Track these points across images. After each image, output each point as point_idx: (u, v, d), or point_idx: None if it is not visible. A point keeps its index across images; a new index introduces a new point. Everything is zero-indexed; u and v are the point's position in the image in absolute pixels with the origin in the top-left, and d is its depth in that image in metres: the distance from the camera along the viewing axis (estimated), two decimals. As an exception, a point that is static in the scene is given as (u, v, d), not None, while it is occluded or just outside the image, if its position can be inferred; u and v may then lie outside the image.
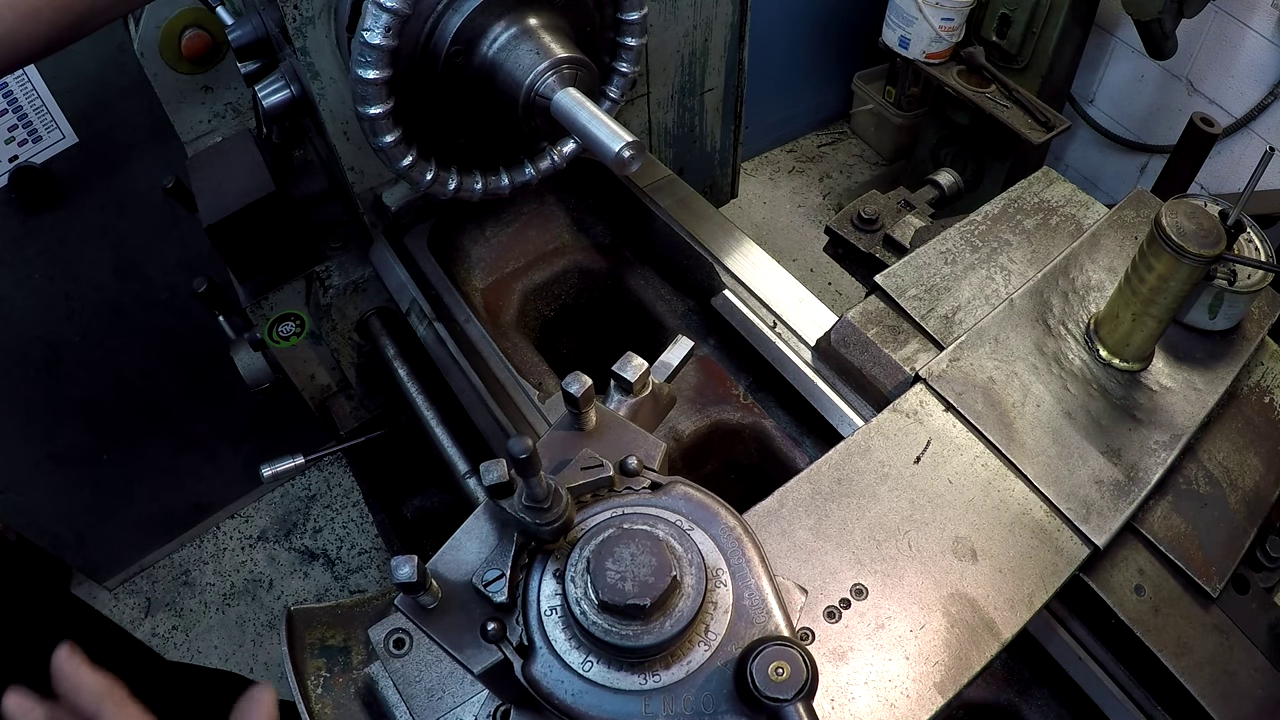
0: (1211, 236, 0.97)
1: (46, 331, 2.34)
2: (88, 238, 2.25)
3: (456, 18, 1.19)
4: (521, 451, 0.60)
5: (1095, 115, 3.51)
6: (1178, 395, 1.11)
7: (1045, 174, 1.39)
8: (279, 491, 3.26)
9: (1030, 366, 1.10)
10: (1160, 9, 2.60)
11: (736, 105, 1.95)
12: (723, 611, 0.65)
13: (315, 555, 3.11)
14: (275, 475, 1.71)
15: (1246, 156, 3.07)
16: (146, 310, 2.47)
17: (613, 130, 1.08)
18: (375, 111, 1.19)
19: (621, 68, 1.41)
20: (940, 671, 0.85)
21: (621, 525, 0.65)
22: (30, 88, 2.00)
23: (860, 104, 4.20)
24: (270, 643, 2.92)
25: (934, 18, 3.08)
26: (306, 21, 1.28)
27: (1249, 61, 2.92)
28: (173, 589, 3.04)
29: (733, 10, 1.75)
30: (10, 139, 2.02)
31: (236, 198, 1.50)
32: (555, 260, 1.68)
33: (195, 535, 3.15)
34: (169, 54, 1.79)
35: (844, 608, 0.88)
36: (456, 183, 1.37)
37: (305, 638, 1.00)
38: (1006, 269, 1.25)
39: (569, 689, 0.62)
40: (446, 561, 0.68)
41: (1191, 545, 1.04)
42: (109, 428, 2.63)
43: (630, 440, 0.77)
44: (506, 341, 1.49)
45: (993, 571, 0.93)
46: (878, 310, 1.22)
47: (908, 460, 1.00)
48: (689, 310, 1.57)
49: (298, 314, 1.71)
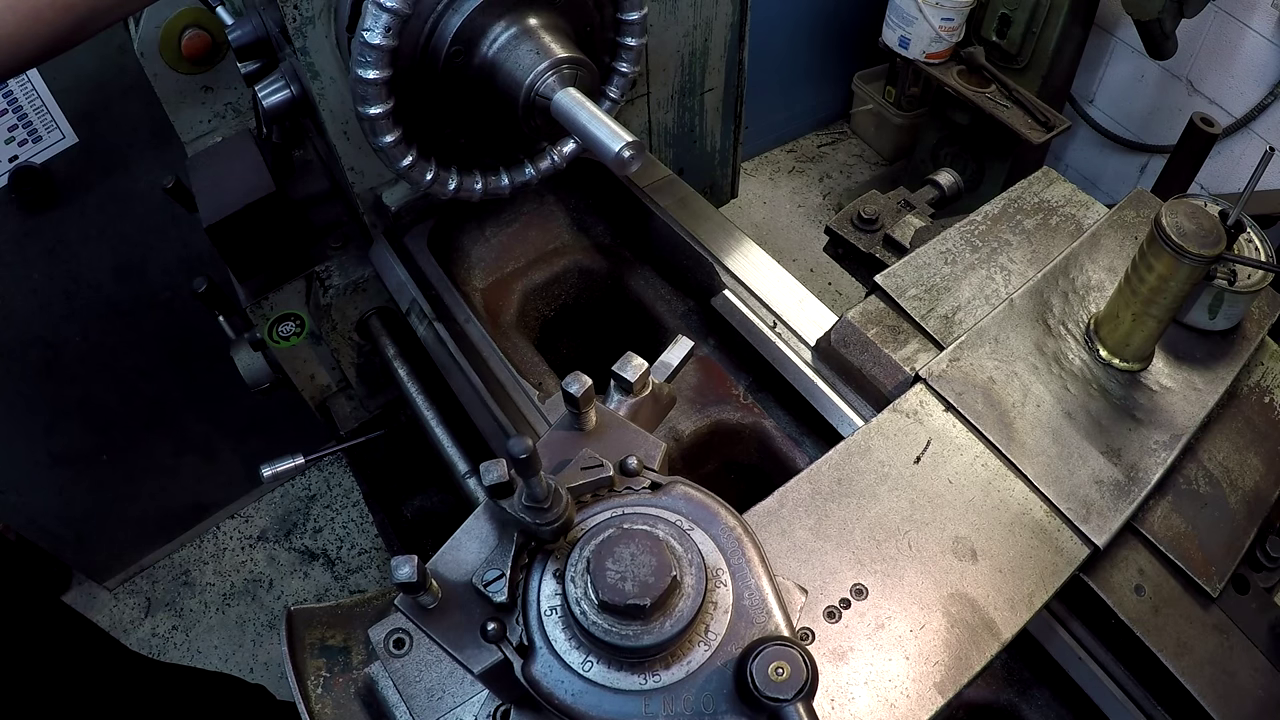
0: (1211, 236, 0.97)
1: (46, 331, 2.34)
2: (88, 238, 2.25)
3: (456, 18, 1.19)
4: (521, 451, 0.60)
5: (1095, 115, 3.51)
6: (1178, 395, 1.11)
7: (1045, 174, 1.39)
8: (279, 491, 3.26)
9: (1030, 366, 1.10)
10: (1160, 9, 2.60)
11: (736, 105, 1.95)
12: (723, 611, 0.65)
13: (315, 555, 3.11)
14: (275, 475, 1.71)
15: (1246, 156, 3.07)
16: (146, 310, 2.47)
17: (613, 130, 1.08)
18: (375, 111, 1.19)
19: (621, 68, 1.41)
20: (940, 671, 0.85)
21: (621, 525, 0.65)
22: (30, 88, 2.00)
23: (860, 104, 4.20)
24: (270, 643, 2.92)
25: (934, 18, 3.08)
26: (306, 21, 1.28)
27: (1249, 61, 2.92)
28: (173, 589, 3.04)
29: (733, 10, 1.75)
30: (10, 139, 2.02)
31: (236, 198, 1.50)
32: (555, 260, 1.68)
33: (195, 535, 3.15)
34: (169, 54, 1.79)
35: (844, 608, 0.88)
36: (456, 183, 1.37)
37: (305, 638, 1.00)
38: (1006, 269, 1.25)
39: (569, 689, 0.62)
40: (446, 561, 0.68)
41: (1191, 545, 1.04)
42: (109, 428, 2.63)
43: (630, 440, 0.77)
44: (506, 341, 1.50)
45: (993, 571, 0.93)
46: (878, 310, 1.22)
47: (908, 460, 1.00)
48: (689, 310, 1.57)
49: (298, 314, 1.71)
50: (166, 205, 1.79)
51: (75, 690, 1.69)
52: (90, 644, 1.77)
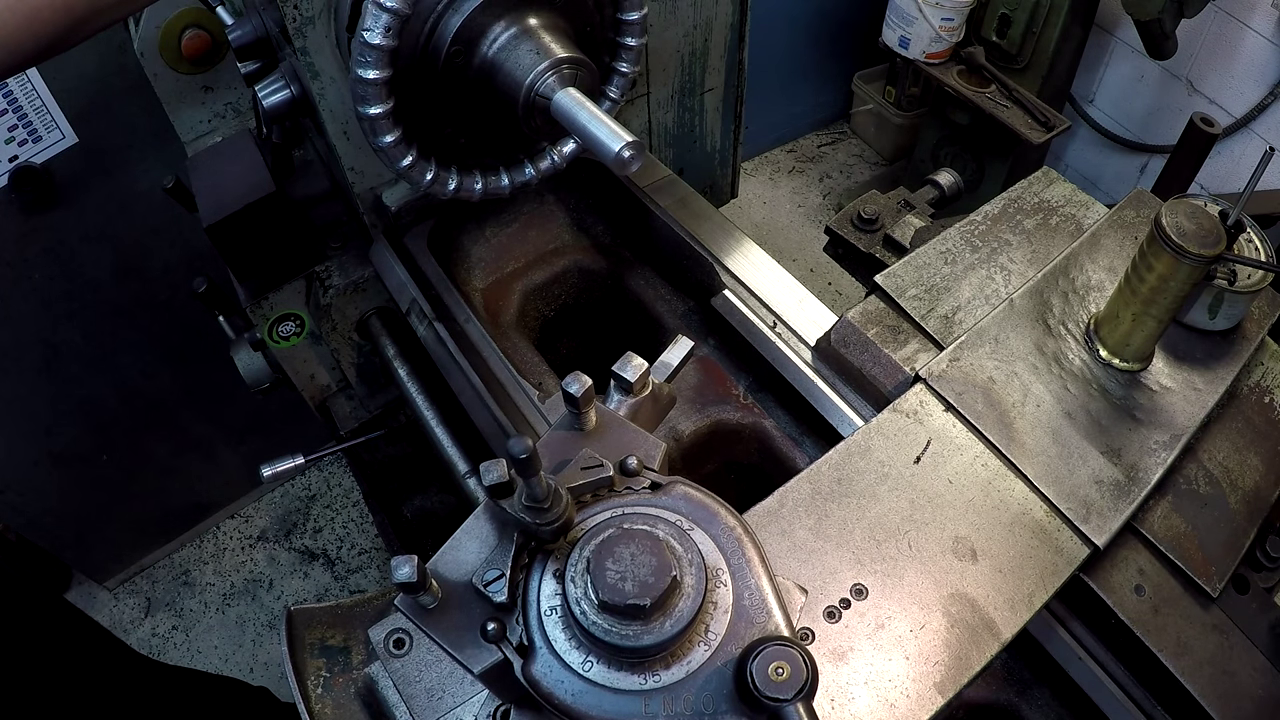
0: (1211, 236, 0.97)
1: (46, 331, 2.34)
2: (88, 238, 2.25)
3: (456, 18, 1.19)
4: (521, 451, 0.60)
5: (1095, 115, 3.51)
6: (1178, 395, 1.11)
7: (1045, 174, 1.39)
8: (279, 491, 3.26)
9: (1030, 366, 1.10)
10: (1160, 9, 2.60)
11: (736, 105, 1.95)
12: (723, 611, 0.65)
13: (315, 555, 3.11)
14: (275, 475, 1.71)
15: (1246, 156, 3.08)
16: (146, 310, 2.47)
17: (613, 130, 1.08)
18: (375, 111, 1.19)
19: (621, 68, 1.41)
20: (940, 671, 0.85)
21: (621, 525, 0.65)
22: (30, 88, 2.00)
23: (860, 104, 4.20)
24: (270, 643, 2.92)
25: (934, 18, 3.08)
26: (306, 21, 1.28)
27: (1249, 61, 2.93)
28: (173, 589, 3.04)
29: (733, 10, 1.75)
30: (10, 139, 2.02)
31: (236, 198, 1.50)
32: (555, 260, 1.68)
33: (195, 535, 3.15)
34: (169, 54, 1.79)
35: (844, 608, 0.88)
36: (456, 183, 1.37)
37: (305, 638, 1.00)
38: (1006, 269, 1.25)
39: (569, 689, 0.62)
40: (446, 561, 0.68)
41: (1191, 545, 1.04)
42: (109, 428, 2.63)
43: (630, 440, 0.77)
44: (506, 341, 1.50)
45: (993, 571, 0.93)
46: (878, 310, 1.22)
47: (908, 460, 1.00)
48: (689, 310, 1.57)
49: (298, 314, 1.71)
50: (166, 205, 1.79)
51: (79, 690, 1.69)
52: (94, 645, 1.77)
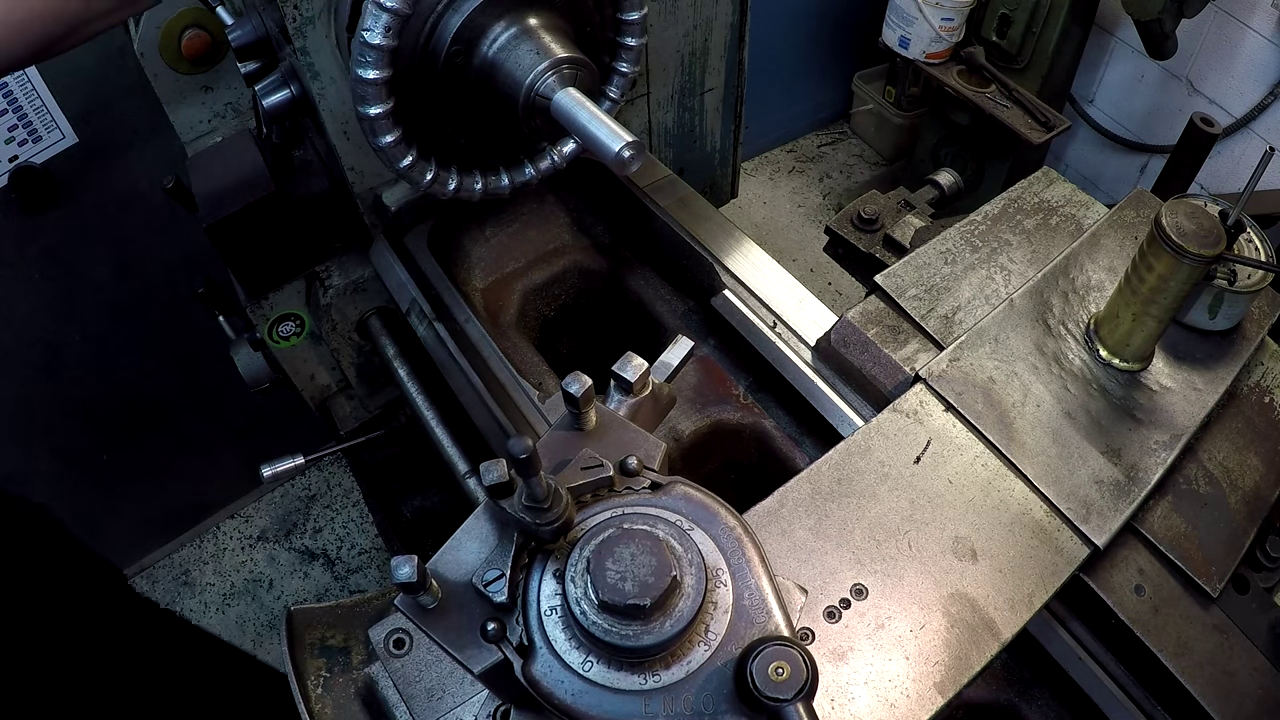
0: (1211, 236, 0.97)
1: (46, 331, 2.34)
2: (88, 238, 2.26)
3: (456, 18, 1.19)
4: (521, 451, 0.60)
5: (1095, 115, 3.51)
6: (1178, 395, 1.11)
7: (1045, 174, 1.39)
8: (279, 491, 3.26)
9: (1030, 366, 1.10)
10: (1160, 9, 2.60)
11: (736, 105, 1.95)
12: (723, 611, 0.65)
13: (315, 555, 3.11)
14: (275, 475, 1.71)
15: (1246, 156, 3.07)
16: (146, 310, 2.47)
17: (613, 130, 1.08)
18: (375, 111, 1.19)
19: (621, 68, 1.41)
20: (940, 671, 0.85)
21: (621, 525, 0.65)
22: (30, 88, 2.00)
23: (860, 104, 4.20)
24: (270, 643, 2.92)
25: (934, 18, 3.08)
26: (306, 21, 1.28)
27: (1249, 61, 2.92)
28: (173, 589, 3.04)
29: (733, 10, 1.75)
30: (10, 139, 2.02)
31: (236, 198, 1.50)
32: (555, 260, 1.68)
33: (195, 535, 3.15)
34: (169, 54, 1.79)
35: (844, 608, 0.88)
36: (456, 183, 1.37)
37: (305, 638, 1.00)
38: (1006, 269, 1.25)
39: (569, 689, 0.62)
40: (446, 561, 0.68)
41: (1191, 545, 1.04)
42: (109, 428, 2.63)
43: (630, 440, 0.77)
44: (506, 341, 1.49)
45: (993, 571, 0.93)
46: (878, 310, 1.22)
47: (908, 460, 1.00)
48: (689, 310, 1.57)
49: (298, 314, 1.71)
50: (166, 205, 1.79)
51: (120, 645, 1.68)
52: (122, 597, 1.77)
